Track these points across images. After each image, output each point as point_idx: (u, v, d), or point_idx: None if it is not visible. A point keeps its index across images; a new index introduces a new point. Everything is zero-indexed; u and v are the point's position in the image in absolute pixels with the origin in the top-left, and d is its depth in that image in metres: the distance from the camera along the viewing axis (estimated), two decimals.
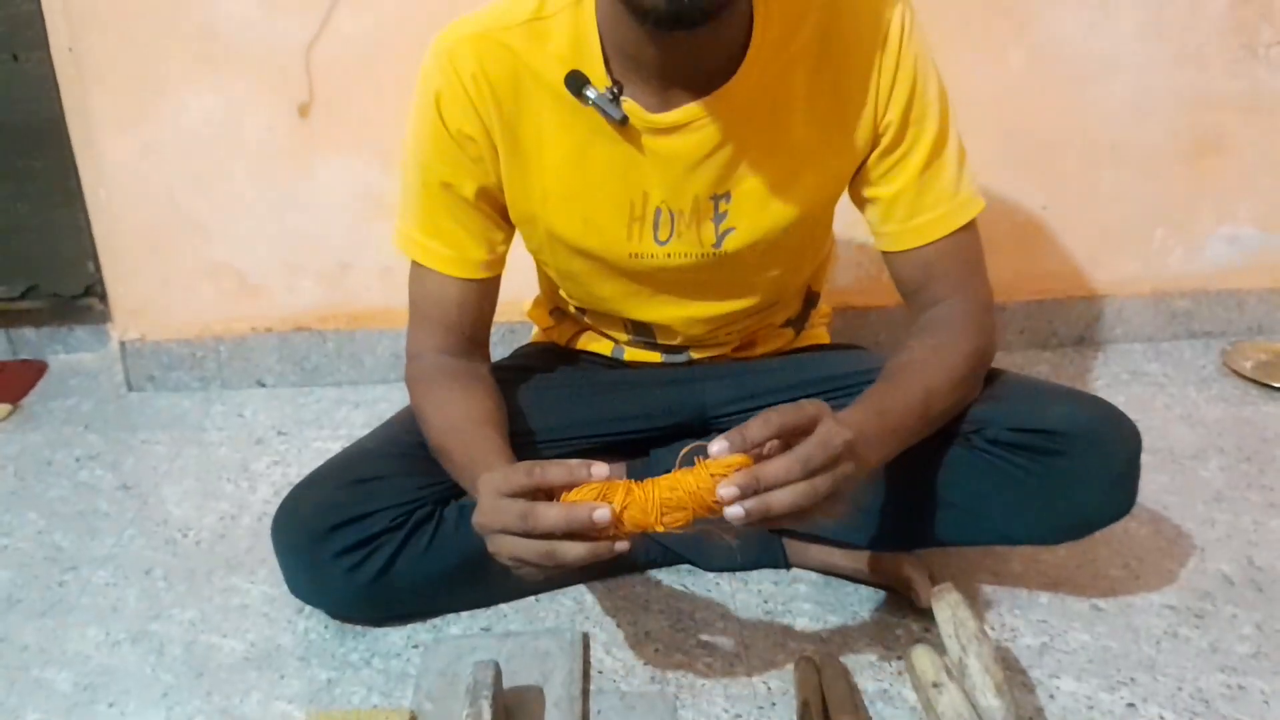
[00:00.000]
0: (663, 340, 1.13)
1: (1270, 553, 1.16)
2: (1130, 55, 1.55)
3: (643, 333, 1.13)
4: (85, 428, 1.55)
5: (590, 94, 0.92)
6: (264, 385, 1.66)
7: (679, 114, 0.93)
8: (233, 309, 1.64)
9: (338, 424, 1.54)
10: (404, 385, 1.06)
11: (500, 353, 1.20)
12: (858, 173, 1.00)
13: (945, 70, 0.98)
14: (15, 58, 1.53)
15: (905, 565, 1.06)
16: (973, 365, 0.97)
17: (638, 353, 1.16)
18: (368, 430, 1.15)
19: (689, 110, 0.93)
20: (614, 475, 0.81)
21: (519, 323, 1.54)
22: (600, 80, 0.93)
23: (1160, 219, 1.65)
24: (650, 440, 1.14)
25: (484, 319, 1.07)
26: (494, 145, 0.97)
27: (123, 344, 1.64)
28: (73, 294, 1.68)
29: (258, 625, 1.10)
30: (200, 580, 1.18)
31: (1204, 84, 1.57)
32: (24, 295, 1.69)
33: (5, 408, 1.60)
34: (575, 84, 0.93)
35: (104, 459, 1.46)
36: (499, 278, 1.06)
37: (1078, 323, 1.70)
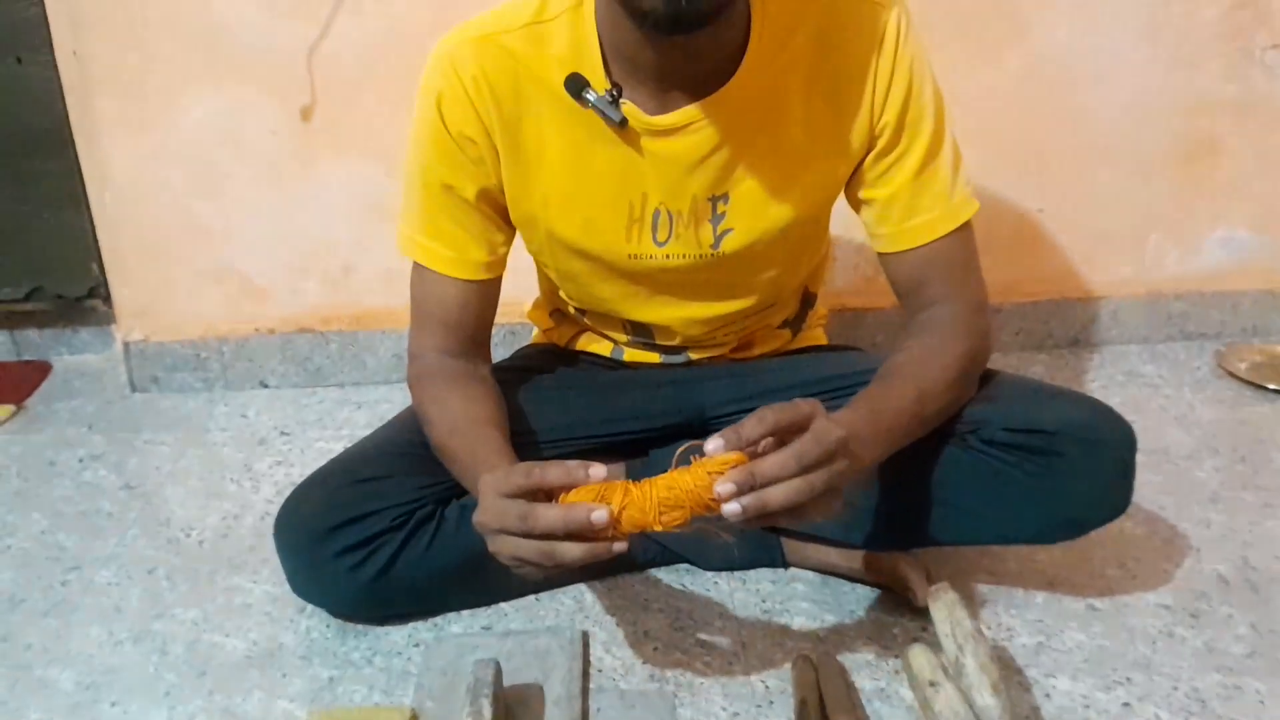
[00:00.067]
0: (661, 341, 1.13)
1: (1265, 553, 1.16)
2: (1126, 59, 1.55)
3: (642, 333, 1.13)
4: (89, 428, 1.56)
5: (590, 96, 0.93)
6: (267, 386, 1.67)
7: (677, 116, 0.94)
8: (236, 310, 1.64)
9: (340, 424, 1.55)
10: (406, 386, 1.07)
11: (501, 354, 1.20)
12: (854, 174, 1.01)
13: (941, 74, 0.99)
14: (20, 61, 1.53)
15: (902, 565, 1.07)
16: (966, 366, 0.97)
17: (637, 353, 1.16)
18: (370, 431, 1.16)
19: (687, 112, 0.94)
20: (613, 475, 0.81)
21: (519, 324, 1.55)
22: (600, 83, 0.94)
23: (1155, 221, 1.66)
24: (649, 440, 1.15)
25: (485, 320, 1.07)
26: (495, 147, 0.98)
27: (126, 345, 1.65)
28: (77, 295, 1.69)
29: (260, 624, 1.10)
30: (203, 580, 1.18)
31: (1199, 87, 1.57)
32: (28, 297, 1.69)
33: (9, 409, 1.60)
34: (575, 87, 0.94)
35: (107, 459, 1.46)
36: (500, 279, 1.06)
37: (1073, 324, 1.70)
